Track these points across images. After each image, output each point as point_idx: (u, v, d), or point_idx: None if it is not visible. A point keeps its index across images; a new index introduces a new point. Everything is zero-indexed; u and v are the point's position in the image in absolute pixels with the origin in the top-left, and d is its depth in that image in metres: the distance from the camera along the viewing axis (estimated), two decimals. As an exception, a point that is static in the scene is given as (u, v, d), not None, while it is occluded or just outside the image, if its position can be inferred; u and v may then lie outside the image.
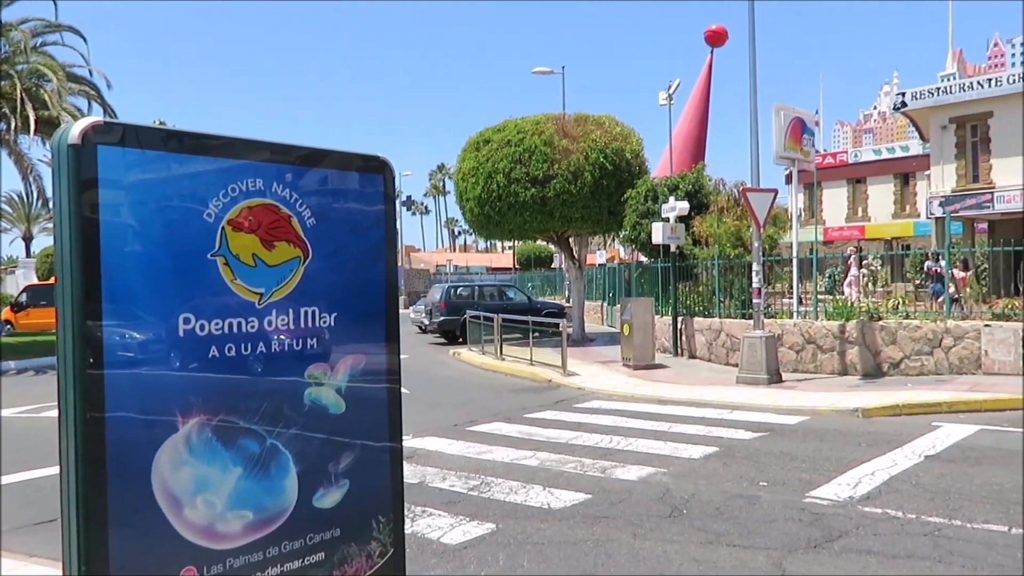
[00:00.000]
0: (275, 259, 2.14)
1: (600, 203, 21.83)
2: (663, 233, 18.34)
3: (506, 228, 23.15)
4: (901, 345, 14.46)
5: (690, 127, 27.31)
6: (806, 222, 36.35)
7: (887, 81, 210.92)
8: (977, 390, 12.06)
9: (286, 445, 2.21)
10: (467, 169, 22.78)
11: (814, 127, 18.30)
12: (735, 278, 17.99)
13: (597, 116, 23.25)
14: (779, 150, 16.24)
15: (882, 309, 15.87)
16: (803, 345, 15.65)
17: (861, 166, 42.54)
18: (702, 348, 18.10)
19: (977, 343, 13.72)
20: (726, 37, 25.40)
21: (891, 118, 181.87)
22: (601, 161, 21.46)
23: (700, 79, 28.74)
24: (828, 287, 32.59)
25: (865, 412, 11.09)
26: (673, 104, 25.39)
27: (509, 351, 18.98)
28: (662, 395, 13.27)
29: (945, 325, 14.13)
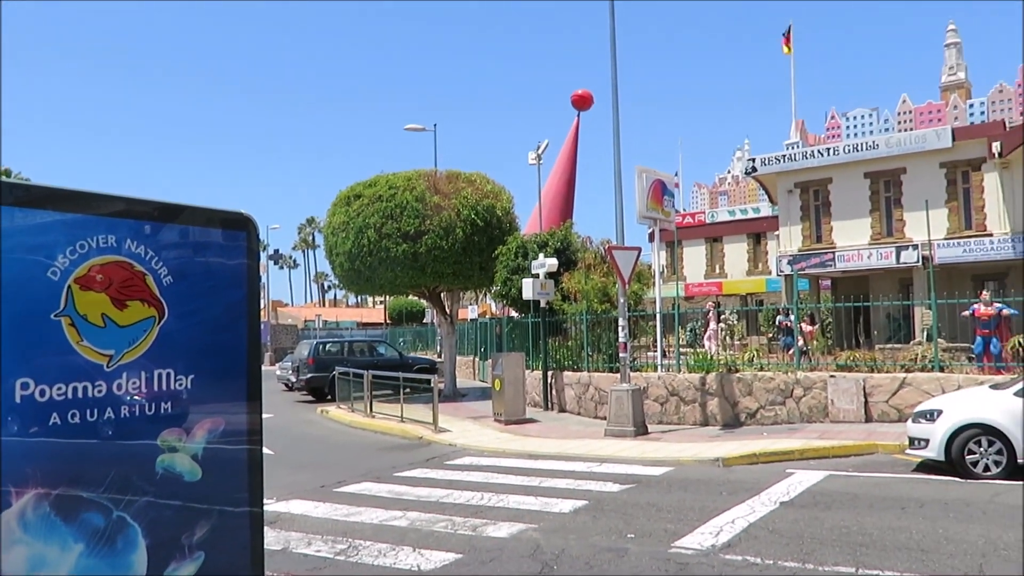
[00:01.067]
0: (127, 319, 2.03)
1: (472, 259, 22.03)
2: (533, 289, 18.67)
3: (377, 283, 22.93)
4: (757, 396, 15.20)
5: (558, 186, 28.15)
6: (668, 278, 37.96)
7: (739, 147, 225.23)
8: (825, 437, 12.80)
9: (135, 517, 2.07)
10: (337, 223, 22.51)
11: (674, 189, 19.27)
12: (603, 332, 18.48)
13: (468, 173, 23.60)
14: (642, 210, 16.95)
15: (739, 362, 16.66)
16: (667, 397, 16.18)
17: (717, 226, 44.98)
18: (572, 402, 18.39)
19: (824, 393, 14.61)
20: (591, 102, 26.52)
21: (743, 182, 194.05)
22: (472, 218, 21.73)
23: (567, 140, 29.77)
24: (690, 340, 33.95)
25: (725, 461, 11.53)
26: (542, 164, 26.11)
27: (379, 408, 18.64)
28: (533, 449, 13.34)
29: (795, 376, 14.98)
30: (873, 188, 28.57)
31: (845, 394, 14.39)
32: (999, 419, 9.69)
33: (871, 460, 11.51)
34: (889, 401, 14.07)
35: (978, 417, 9.84)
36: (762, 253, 42.60)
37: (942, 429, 10.00)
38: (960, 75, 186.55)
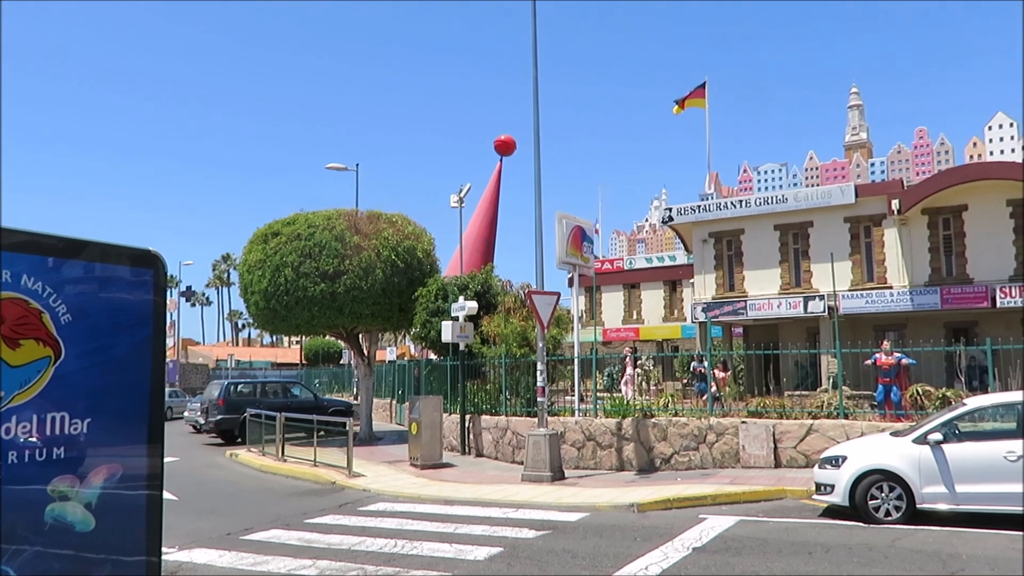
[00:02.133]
0: (19, 359, 1.93)
1: (391, 300, 21.85)
2: (453, 331, 18.60)
3: (293, 323, 22.47)
4: (671, 441, 15.42)
5: (480, 229, 28.31)
6: (587, 323, 38.38)
7: (657, 196, 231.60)
8: (737, 483, 13.04)
9: (21, 569, 1.95)
10: (254, 261, 22.04)
11: (594, 235, 19.61)
12: (521, 376, 18.50)
13: (390, 214, 23.52)
14: (562, 255, 17.17)
15: (654, 407, 16.90)
16: (584, 442, 16.25)
17: (635, 272, 45.87)
18: (489, 446, 18.28)
19: (736, 438, 14.93)
20: (514, 147, 26.91)
21: (660, 230, 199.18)
22: (393, 259, 21.61)
23: (490, 184, 30.06)
24: (607, 385, 34.27)
25: (640, 507, 11.61)
26: (464, 207, 26.25)
27: (292, 452, 18.13)
28: (449, 495, 13.17)
29: (709, 422, 15.28)
30: (783, 240, 29.72)
31: (756, 440, 14.73)
32: (899, 465, 10.07)
33: (780, 505, 11.77)
34: (797, 447, 14.47)
35: (879, 463, 10.21)
36: (678, 300, 43.58)
37: (846, 475, 10.32)
38: (862, 135, 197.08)
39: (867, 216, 28.12)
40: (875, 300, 27.18)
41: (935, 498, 9.87)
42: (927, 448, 9.97)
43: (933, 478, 9.87)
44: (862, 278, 28.15)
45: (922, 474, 9.92)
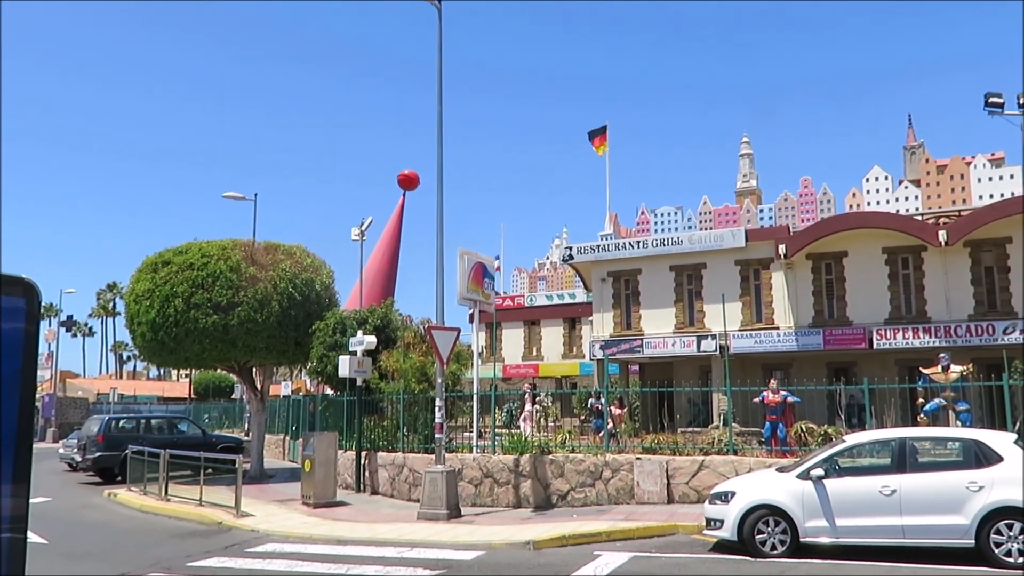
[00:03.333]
0: None
1: (287, 333, 21.31)
2: (350, 366, 18.29)
3: (182, 356, 21.58)
4: (568, 478, 15.52)
5: (381, 264, 28.09)
6: (487, 359, 38.42)
7: (558, 235, 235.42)
8: (631, 519, 13.21)
9: None
10: (141, 291, 21.13)
11: (495, 272, 19.75)
12: (420, 412, 18.31)
13: (288, 246, 23.03)
14: (463, 291, 17.19)
15: (552, 444, 16.98)
16: (482, 479, 16.16)
17: (536, 310, 46.34)
18: (385, 484, 17.95)
19: (631, 475, 15.15)
20: (417, 182, 26.93)
21: (561, 268, 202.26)
22: (290, 291, 21.13)
23: (392, 219, 29.92)
24: (506, 422, 34.25)
25: (536, 544, 11.60)
26: (365, 240, 26.01)
27: (177, 491, 17.30)
28: (342, 534, 12.83)
29: (605, 459, 15.46)
30: (678, 280, 30.65)
31: (650, 476, 14.99)
32: (784, 500, 10.43)
33: (673, 541, 11.98)
34: (689, 483, 14.80)
35: (765, 499, 10.55)
36: (577, 337, 44.20)
37: (735, 510, 10.61)
38: (752, 182, 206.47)
39: (756, 259, 29.36)
40: (763, 340, 28.28)
41: (817, 532, 10.26)
42: (810, 483, 10.38)
43: (815, 512, 10.27)
44: (751, 319, 29.28)
45: (805, 508, 10.30)
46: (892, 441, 10.54)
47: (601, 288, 31.94)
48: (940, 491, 9.83)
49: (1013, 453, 9.83)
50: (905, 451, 10.27)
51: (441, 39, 16.13)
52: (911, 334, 26.07)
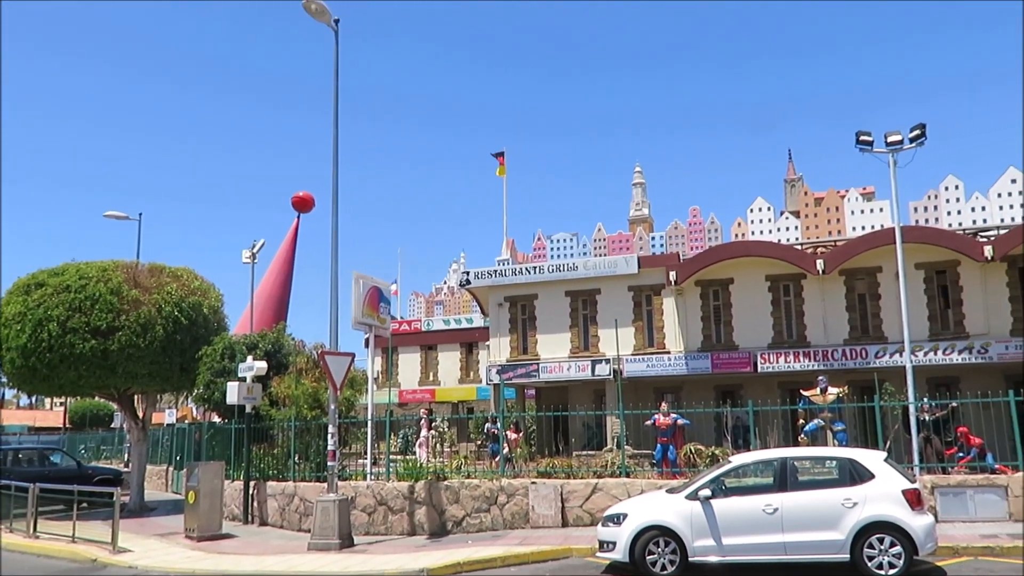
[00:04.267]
0: None
1: (172, 359, 20.43)
2: (239, 393, 17.68)
3: (57, 383, 20.34)
4: (464, 503, 15.42)
5: (273, 287, 27.40)
6: (383, 384, 37.91)
7: (456, 260, 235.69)
8: (526, 543, 13.23)
9: None
10: (12, 314, 19.83)
11: (391, 296, 19.54)
12: (312, 440, 17.86)
13: (175, 268, 22.14)
14: (358, 316, 16.93)
15: (448, 469, 16.86)
16: (375, 507, 15.87)
17: (433, 334, 46.12)
18: (275, 514, 17.38)
19: (526, 499, 15.19)
20: (312, 204, 26.45)
21: (458, 293, 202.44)
22: (176, 315, 20.28)
23: (286, 241, 29.27)
24: (402, 447, 33.80)
25: (430, 572, 11.46)
26: (257, 263, 25.31)
27: (48, 527, 16.21)
28: (227, 568, 12.32)
29: (500, 483, 15.45)
30: (573, 306, 31.13)
31: (545, 500, 15.07)
32: (673, 521, 10.67)
33: (567, 564, 12.06)
34: (583, 506, 14.95)
35: (656, 520, 10.77)
36: (474, 362, 44.19)
37: (626, 532, 10.78)
38: (644, 211, 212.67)
39: (648, 286, 30.16)
40: (655, 364, 29.00)
41: (705, 551, 10.53)
42: (698, 504, 10.66)
43: (703, 532, 10.55)
44: (644, 343, 30.00)
45: (693, 528, 10.57)
46: (774, 461, 10.96)
47: (498, 313, 32.10)
48: (818, 508, 10.27)
49: (884, 470, 10.39)
50: (786, 470, 10.70)
51: (338, 61, 16.00)
52: (792, 358, 27.27)
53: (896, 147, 18.68)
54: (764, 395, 25.31)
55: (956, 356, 25.54)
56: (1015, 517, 13.23)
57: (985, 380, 23.41)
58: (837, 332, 27.65)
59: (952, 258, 26.43)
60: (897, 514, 9.96)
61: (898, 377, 20.12)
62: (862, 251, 27.15)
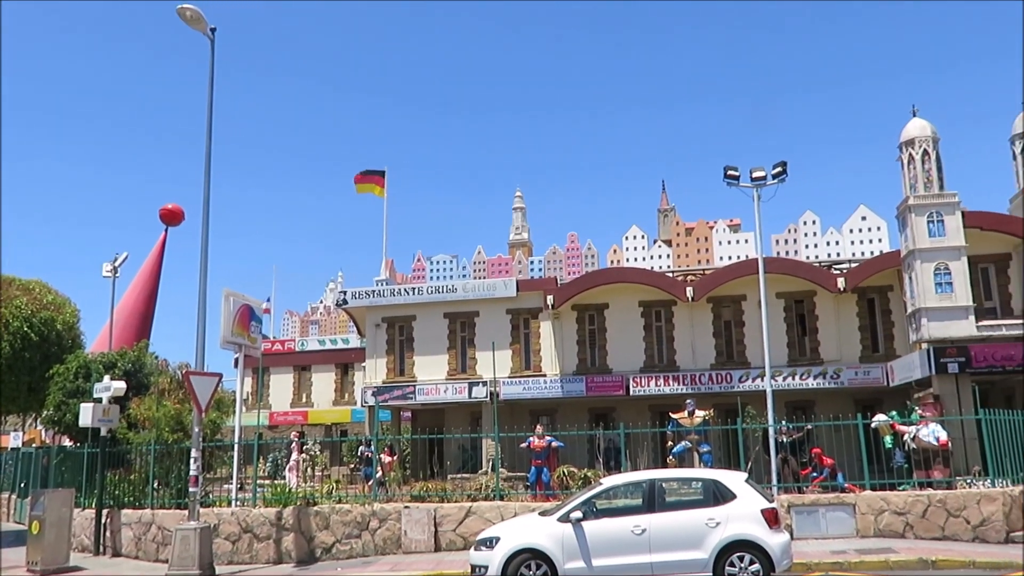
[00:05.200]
0: None
1: (19, 378, 19.07)
2: (94, 415, 16.62)
3: None
4: (333, 529, 15.01)
5: (136, 303, 26.01)
6: (252, 406, 36.58)
7: (333, 279, 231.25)
8: (396, 569, 13.00)
9: None
10: None
11: (263, 314, 18.93)
12: (173, 464, 16.98)
13: (26, 280, 20.73)
14: (226, 335, 16.30)
15: (318, 494, 16.40)
16: (240, 534, 15.22)
17: (307, 355, 44.92)
18: (129, 544, 16.37)
19: (399, 524, 14.94)
20: (182, 217, 25.33)
21: (335, 312, 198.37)
22: (25, 331, 18.97)
23: (152, 255, 27.88)
24: (271, 472, 32.68)
25: (296, 601, 11.05)
26: (119, 277, 23.99)
27: None
28: (74, 604, 11.48)
29: (372, 508, 15.14)
30: (451, 327, 31.09)
31: (418, 524, 14.86)
32: (545, 543, 10.73)
33: (438, 589, 11.90)
34: (456, 530, 14.84)
35: (528, 543, 10.80)
36: (349, 383, 43.34)
37: (499, 555, 10.76)
38: (524, 235, 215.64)
39: (526, 309, 30.51)
40: (531, 387, 29.29)
41: (576, 572, 10.63)
42: (569, 526, 10.77)
43: (574, 554, 10.65)
44: (520, 366, 30.27)
45: (565, 550, 10.66)
46: (643, 483, 11.23)
47: (375, 334, 31.66)
48: (684, 528, 10.58)
49: (745, 491, 10.83)
50: (654, 492, 10.98)
51: (213, 69, 15.46)
52: (663, 381, 28.17)
53: (760, 182, 19.73)
54: (636, 418, 26.01)
55: (812, 381, 27.08)
56: (862, 533, 14.07)
57: (837, 404, 24.91)
58: (704, 357, 28.77)
59: (809, 288, 28.08)
60: (756, 533, 10.38)
61: (759, 401, 21.12)
62: (728, 280, 28.44)
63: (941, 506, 14.03)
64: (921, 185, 23.25)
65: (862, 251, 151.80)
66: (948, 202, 22.90)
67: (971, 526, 13.77)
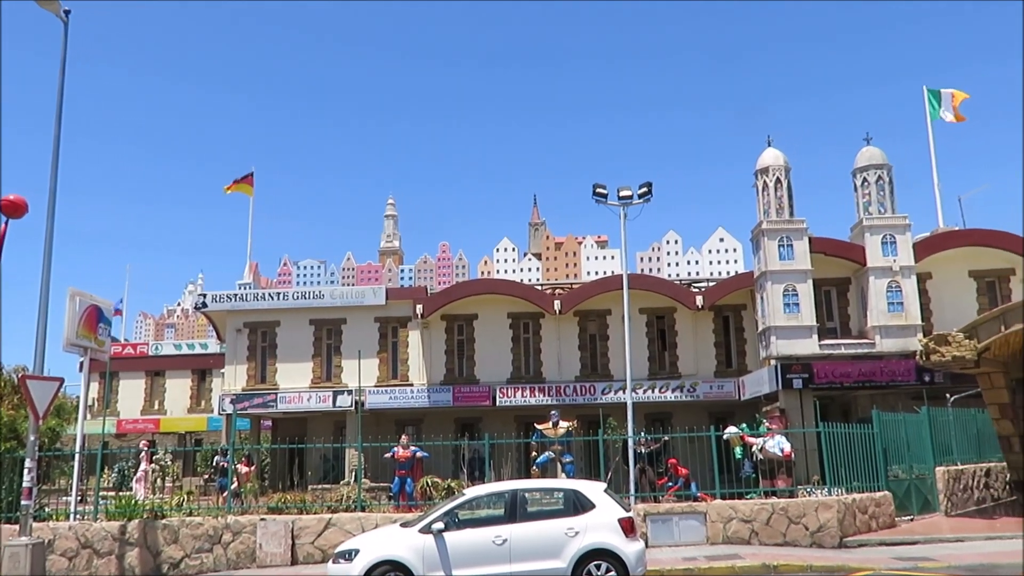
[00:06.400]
0: None
1: None
2: (-87, 421, 15.15)
3: None
4: (183, 544, 14.29)
5: (-32, 299, 23.94)
6: (98, 413, 34.40)
7: (193, 281, 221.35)
8: (250, 584, 12.51)
9: None
10: None
11: (113, 316, 17.83)
12: (5, 475, 15.68)
13: None
14: (71, 337, 15.24)
15: (167, 506, 15.58)
16: (78, 550, 14.23)
17: (161, 359, 42.68)
18: (-50, 563, 14.99)
19: (254, 537, 14.39)
20: (25, 210, 23.50)
21: (193, 316, 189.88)
22: None
23: (-12, 248, 25.78)
24: (117, 483, 30.83)
25: (139, 621, 10.44)
26: (-51, 271, 22.00)
27: None
28: None
29: (226, 521, 14.52)
30: (317, 335, 30.39)
31: (274, 537, 14.37)
32: (405, 555, 10.60)
33: (293, 604, 11.54)
34: (315, 542, 14.44)
35: (388, 555, 10.63)
36: (206, 390, 41.49)
37: (358, 568, 10.54)
38: (395, 243, 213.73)
39: (395, 318, 30.23)
40: (398, 396, 29.03)
41: (436, 584, 10.57)
42: (431, 537, 10.69)
43: (435, 565, 10.58)
44: (388, 375, 29.93)
45: (425, 562, 10.58)
46: (505, 493, 11.31)
47: (236, 339, 30.52)
48: (544, 538, 10.72)
49: (603, 500, 11.09)
50: (516, 502, 11.08)
51: (65, 54, 14.47)
52: (529, 393, 28.56)
53: (627, 201, 20.41)
54: (502, 428, 26.25)
55: (670, 394, 28.18)
56: (712, 540, 14.71)
57: (693, 416, 26.01)
58: (570, 369, 29.39)
59: (670, 305, 29.24)
60: (613, 541, 10.65)
61: (621, 412, 21.74)
62: (594, 295, 29.21)
63: (783, 514, 14.86)
64: (774, 211, 24.73)
65: (719, 271, 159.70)
66: (797, 228, 24.46)
67: (809, 532, 14.66)
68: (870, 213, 24.88)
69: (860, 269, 24.90)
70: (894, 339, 23.75)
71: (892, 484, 16.73)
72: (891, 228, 24.55)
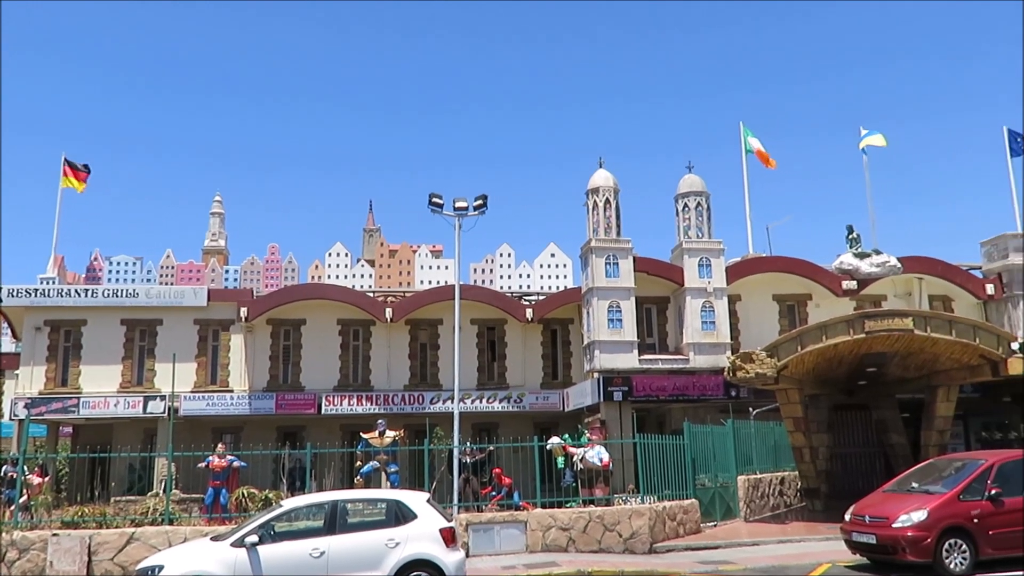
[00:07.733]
0: None
1: None
2: None
3: None
4: (-41, 563, 12.88)
5: None
6: None
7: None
8: (37, 606, 11.45)
9: None
10: None
11: None
12: None
13: None
14: None
15: (-59, 522, 14.00)
16: None
17: (-58, 358, 38.43)
18: None
19: (43, 554, 13.21)
20: None
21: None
22: None
23: None
24: None
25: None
26: None
27: None
28: None
29: (11, 537, 13.25)
30: (129, 336, 28.44)
31: (67, 554, 13.24)
32: (215, 570, 10.06)
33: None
34: (115, 559, 13.43)
35: (195, 570, 10.05)
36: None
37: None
38: (221, 242, 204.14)
39: (217, 320, 28.82)
40: (216, 403, 27.67)
41: (248, 600, 10.11)
42: (243, 551, 10.22)
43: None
44: (206, 380, 28.46)
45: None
46: (325, 504, 11.02)
47: (34, 338, 28.00)
48: (364, 549, 10.53)
49: (426, 511, 11.05)
50: (336, 513, 10.82)
51: None
52: (356, 401, 28.07)
53: (462, 212, 20.59)
54: (327, 437, 25.57)
55: (497, 404, 28.60)
56: (531, 549, 15.01)
57: (519, 426, 26.54)
58: (399, 378, 29.17)
59: (501, 317, 29.71)
60: (434, 552, 10.62)
61: (448, 422, 21.81)
62: (426, 304, 29.20)
63: (599, 521, 15.41)
64: (602, 230, 25.77)
65: (550, 285, 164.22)
66: (623, 247, 25.60)
67: (623, 539, 15.29)
68: (689, 237, 26.46)
69: (678, 289, 26.38)
70: (706, 356, 25.31)
71: (699, 492, 17.77)
72: (707, 252, 26.22)
